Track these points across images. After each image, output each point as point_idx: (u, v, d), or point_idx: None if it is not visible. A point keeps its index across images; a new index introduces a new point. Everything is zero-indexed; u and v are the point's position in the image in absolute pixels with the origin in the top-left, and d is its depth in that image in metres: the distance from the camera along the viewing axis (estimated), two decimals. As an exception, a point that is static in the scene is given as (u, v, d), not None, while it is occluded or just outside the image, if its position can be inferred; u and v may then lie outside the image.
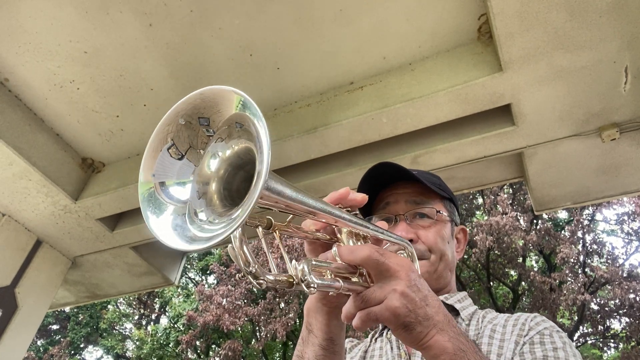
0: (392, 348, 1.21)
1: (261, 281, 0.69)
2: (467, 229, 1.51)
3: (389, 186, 1.37)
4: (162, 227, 0.68)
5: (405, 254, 1.07)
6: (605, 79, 2.32)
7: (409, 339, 0.79)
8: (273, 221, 0.77)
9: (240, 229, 0.64)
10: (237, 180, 0.73)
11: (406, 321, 0.76)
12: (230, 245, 0.68)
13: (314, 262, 0.75)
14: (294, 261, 0.74)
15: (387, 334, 1.27)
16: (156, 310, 17.76)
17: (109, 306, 17.35)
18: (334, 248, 0.82)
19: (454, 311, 1.24)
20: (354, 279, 0.82)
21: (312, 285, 0.71)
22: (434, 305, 0.80)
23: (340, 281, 0.77)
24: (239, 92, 0.65)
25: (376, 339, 1.31)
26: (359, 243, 0.88)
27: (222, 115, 0.69)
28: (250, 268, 0.68)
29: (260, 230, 0.75)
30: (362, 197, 0.91)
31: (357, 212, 0.92)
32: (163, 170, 0.71)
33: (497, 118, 2.63)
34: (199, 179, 0.72)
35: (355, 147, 2.82)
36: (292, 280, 0.72)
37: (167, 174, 0.71)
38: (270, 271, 0.72)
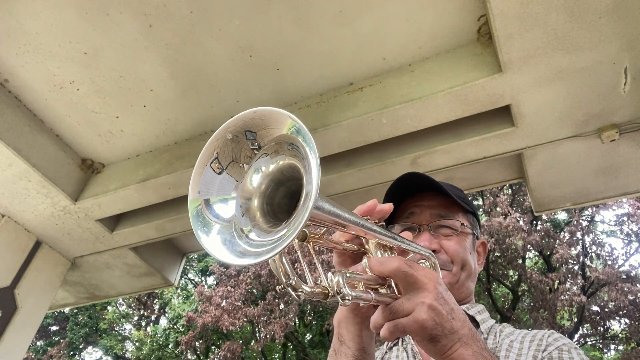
0: (407, 356, 1.21)
1: (299, 293, 0.71)
2: (487, 243, 1.52)
3: (413, 196, 1.38)
4: (213, 243, 0.70)
5: (428, 264, 1.08)
6: (605, 80, 2.32)
7: (433, 350, 0.80)
8: (308, 233, 0.80)
9: None
10: (279, 196, 0.75)
11: (433, 334, 0.77)
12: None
13: (348, 275, 0.77)
14: (329, 274, 0.76)
15: (402, 343, 1.27)
16: (156, 311, 17.73)
17: (108, 307, 17.33)
18: (364, 260, 0.83)
19: (474, 322, 1.24)
20: (383, 290, 0.83)
21: (347, 297, 0.73)
22: (460, 319, 0.81)
23: (372, 293, 0.79)
24: (295, 118, 0.67)
25: (391, 347, 1.31)
26: (386, 254, 0.89)
27: (270, 133, 0.71)
28: (290, 280, 0.70)
29: (296, 242, 0.78)
30: (389, 207, 0.93)
31: (383, 222, 0.94)
32: (206, 187, 0.74)
33: (496, 119, 2.63)
34: (242, 194, 0.74)
35: (355, 148, 2.82)
36: (327, 292, 0.75)
37: (210, 190, 0.74)
38: (306, 282, 0.74)
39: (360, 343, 0.95)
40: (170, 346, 16.12)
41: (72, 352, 16.72)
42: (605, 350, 14.03)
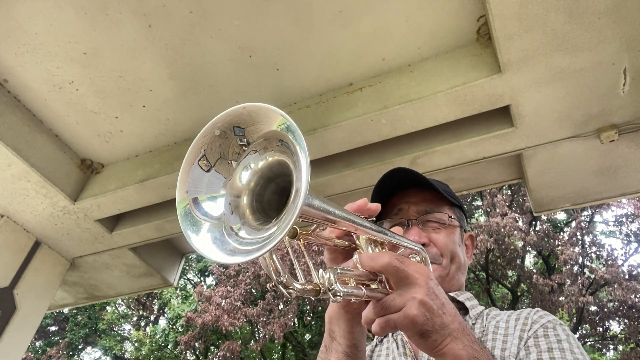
0: (397, 347, 1.22)
1: (291, 290, 0.71)
2: (474, 235, 1.53)
3: (400, 192, 1.40)
4: (203, 243, 0.69)
5: (419, 259, 1.08)
6: (604, 80, 2.32)
7: (424, 345, 0.80)
8: (298, 230, 0.79)
9: None
10: (268, 193, 0.74)
11: (423, 329, 0.77)
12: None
13: (339, 271, 0.77)
14: (320, 270, 0.75)
15: (393, 334, 1.28)
16: (155, 312, 17.72)
17: (107, 307, 17.32)
18: (355, 255, 0.83)
19: (463, 308, 1.25)
20: (374, 286, 0.83)
21: (338, 293, 0.73)
22: (450, 314, 0.82)
23: (363, 289, 0.78)
24: (285, 115, 0.66)
25: (382, 340, 1.32)
26: (377, 249, 0.89)
27: (259, 129, 0.70)
28: (281, 278, 0.70)
29: (286, 239, 0.77)
30: (376, 207, 0.93)
31: (373, 218, 0.94)
32: (194, 185, 0.73)
33: (496, 119, 2.63)
34: (231, 191, 0.73)
35: (354, 148, 2.82)
36: (318, 288, 0.74)
37: (198, 188, 0.73)
38: (297, 280, 0.74)
39: (352, 340, 0.95)
40: (169, 346, 16.12)
41: (71, 353, 16.70)
42: (604, 351, 14.03)
